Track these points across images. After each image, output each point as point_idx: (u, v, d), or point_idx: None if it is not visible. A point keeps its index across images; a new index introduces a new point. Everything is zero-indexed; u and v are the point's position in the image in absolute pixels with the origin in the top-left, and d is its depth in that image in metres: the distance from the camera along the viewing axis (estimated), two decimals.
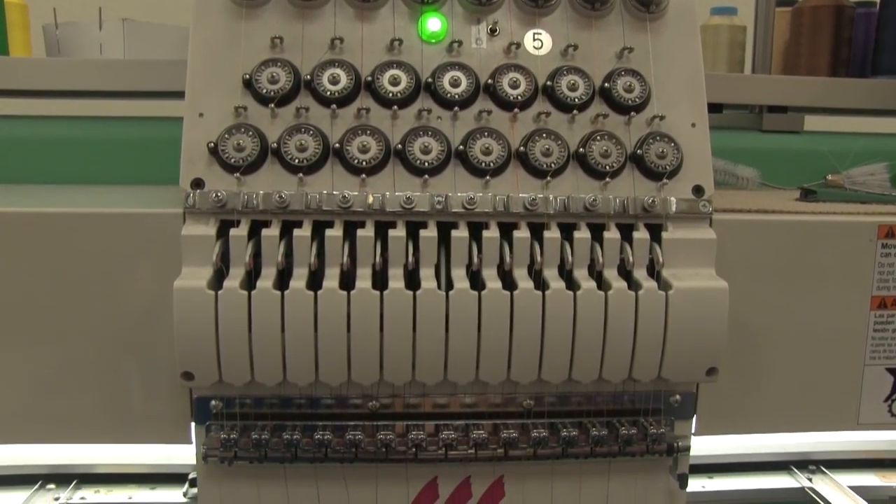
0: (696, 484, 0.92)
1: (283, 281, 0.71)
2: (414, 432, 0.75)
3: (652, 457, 0.79)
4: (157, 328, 0.78)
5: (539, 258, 0.73)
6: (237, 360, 0.71)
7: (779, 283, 0.84)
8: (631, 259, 0.75)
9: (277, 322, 0.70)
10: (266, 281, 0.71)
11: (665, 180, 0.77)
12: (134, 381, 0.81)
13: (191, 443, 0.79)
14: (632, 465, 0.81)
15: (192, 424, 0.78)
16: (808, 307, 0.85)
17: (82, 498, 1.28)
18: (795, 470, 1.39)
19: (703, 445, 0.80)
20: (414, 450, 0.75)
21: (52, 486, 1.30)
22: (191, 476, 1.29)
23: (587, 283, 0.72)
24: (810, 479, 1.37)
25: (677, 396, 0.79)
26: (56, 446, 1.35)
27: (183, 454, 1.34)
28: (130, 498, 1.29)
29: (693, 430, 0.82)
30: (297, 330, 0.70)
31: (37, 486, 1.29)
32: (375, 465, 0.78)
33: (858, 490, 1.31)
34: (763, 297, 0.84)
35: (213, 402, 0.76)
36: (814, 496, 1.31)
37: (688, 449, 0.79)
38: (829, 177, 1.03)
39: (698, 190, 0.78)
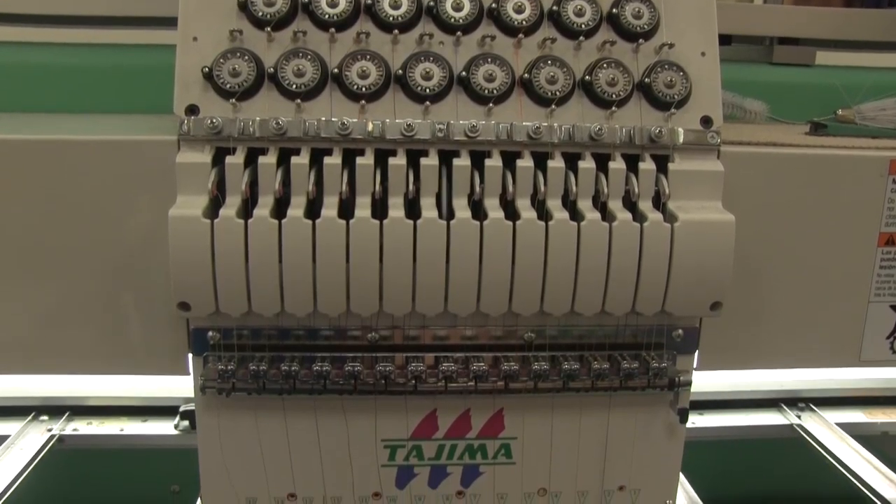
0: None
1: (280, 210, 0.70)
2: (413, 364, 0.74)
3: (653, 391, 0.78)
4: (154, 258, 0.76)
5: (542, 188, 0.72)
6: (234, 290, 0.69)
7: (785, 217, 0.83)
8: (636, 190, 0.73)
9: (275, 251, 0.68)
10: (263, 209, 0.69)
11: (673, 110, 0.75)
12: (131, 313, 0.80)
13: (188, 374, 0.78)
14: (632, 400, 0.80)
15: (190, 356, 0.77)
16: (815, 243, 0.84)
17: (75, 429, 1.28)
18: (785, 407, 1.41)
19: (695, 381, 0.79)
20: (413, 382, 0.75)
21: (44, 417, 1.31)
22: (182, 409, 1.29)
23: (591, 215, 0.71)
24: (799, 416, 1.39)
25: (680, 331, 0.78)
26: (48, 379, 1.35)
27: (174, 387, 1.34)
28: (122, 430, 1.30)
29: (695, 365, 0.81)
30: (294, 259, 0.68)
31: (30, 418, 1.30)
32: (374, 397, 0.77)
33: (845, 426, 1.33)
34: (769, 232, 0.83)
35: (210, 334, 0.75)
36: (801, 432, 1.33)
37: (689, 384, 0.79)
38: (840, 111, 1.01)
39: (706, 121, 0.76)
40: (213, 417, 0.78)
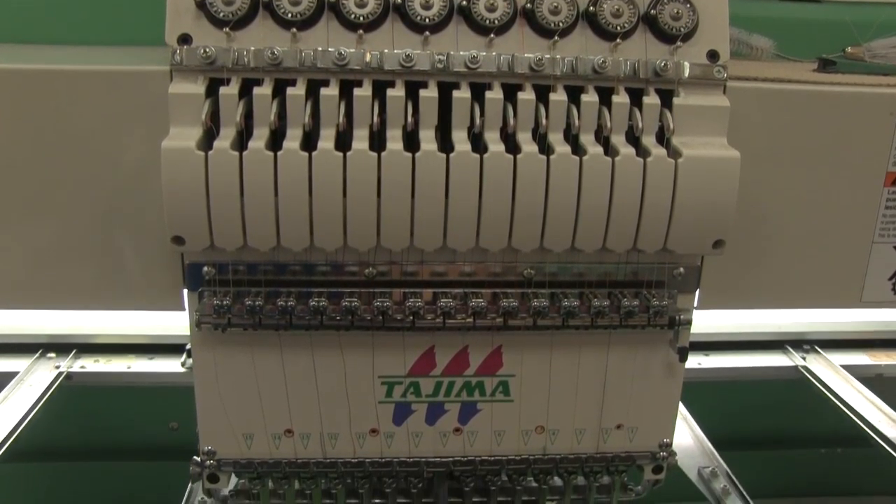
0: (692, 361, 0.92)
1: (275, 142, 0.68)
2: (411, 300, 0.74)
3: (653, 329, 0.78)
4: (147, 192, 0.75)
5: (544, 121, 0.70)
6: (229, 224, 0.68)
7: (791, 155, 0.81)
8: (640, 125, 0.71)
9: (270, 184, 0.67)
10: (258, 142, 0.67)
11: (679, 43, 0.73)
12: (126, 248, 0.79)
13: (184, 310, 0.78)
14: (632, 338, 0.80)
15: (185, 291, 0.76)
16: (820, 181, 0.82)
17: (82, 367, 1.30)
18: (790, 349, 1.41)
19: (701, 323, 0.79)
20: (411, 318, 0.74)
21: (52, 354, 1.32)
22: (188, 346, 1.30)
23: (594, 149, 0.69)
24: (804, 358, 1.39)
25: (681, 269, 0.77)
26: (55, 316, 1.36)
27: (180, 325, 1.34)
28: (129, 367, 1.31)
29: (695, 304, 0.80)
30: (290, 192, 0.67)
31: (37, 355, 1.31)
32: (372, 333, 0.77)
33: (849, 368, 1.33)
34: (774, 170, 0.81)
35: (205, 269, 0.74)
36: (806, 374, 1.33)
37: (689, 322, 0.78)
38: (849, 49, 0.98)
39: (713, 55, 0.74)
40: (209, 353, 0.78)
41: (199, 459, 0.82)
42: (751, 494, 1.02)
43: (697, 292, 0.80)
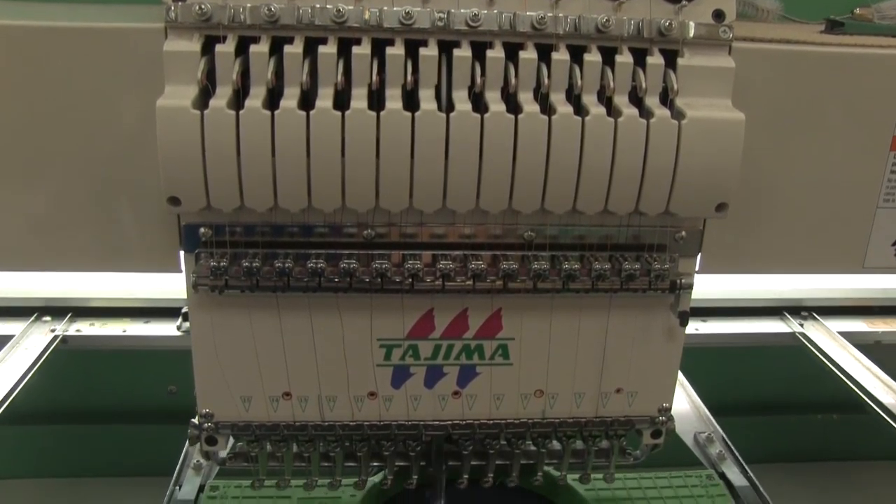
0: (689, 326, 0.91)
1: (273, 101, 0.67)
2: (410, 262, 0.73)
3: (654, 293, 0.77)
4: (144, 152, 0.74)
5: (546, 81, 0.69)
6: (225, 184, 0.67)
7: (796, 117, 0.80)
8: (644, 85, 0.70)
9: (267, 144, 0.66)
10: (255, 101, 0.66)
11: (684, 2, 0.71)
12: (122, 209, 0.78)
13: (180, 272, 0.77)
14: (633, 302, 0.79)
15: (181, 253, 0.75)
16: (825, 144, 0.81)
17: (77, 330, 1.29)
18: (788, 315, 1.41)
19: (699, 289, 0.78)
20: (410, 280, 0.73)
21: (47, 318, 1.31)
22: (184, 310, 1.30)
23: (596, 109, 0.68)
24: (802, 325, 1.39)
25: (683, 233, 0.76)
26: (50, 280, 1.36)
27: (176, 289, 1.34)
28: (124, 331, 1.30)
29: (697, 268, 0.79)
30: (287, 152, 0.66)
31: (33, 318, 1.30)
32: (370, 296, 0.76)
33: (847, 335, 1.33)
34: (778, 132, 0.80)
35: (201, 230, 0.73)
36: (803, 340, 1.33)
37: (690, 286, 0.77)
38: (857, 10, 0.96)
39: (718, 15, 0.72)
40: (205, 316, 0.77)
41: (196, 422, 0.81)
42: (746, 460, 1.02)
43: (699, 256, 0.79)
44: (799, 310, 1.42)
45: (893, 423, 1.08)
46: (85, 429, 1.53)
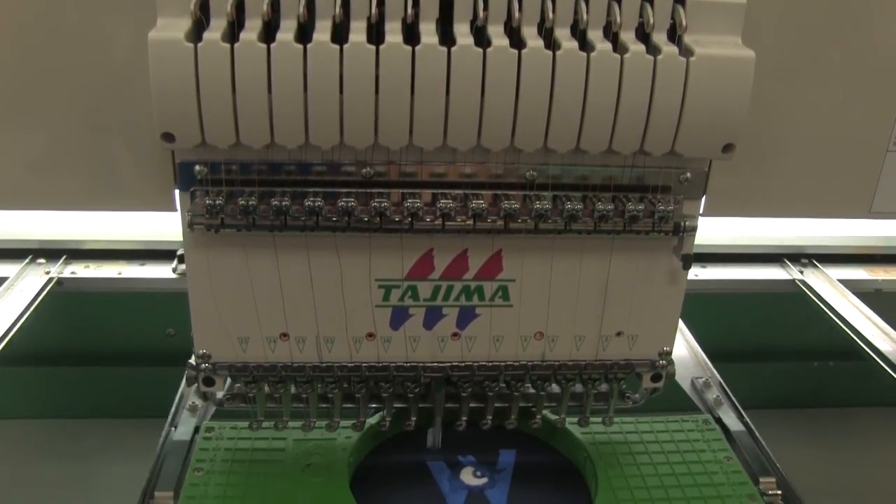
0: (689, 272, 0.91)
1: (269, 34, 0.65)
2: (410, 200, 0.71)
3: (657, 235, 0.76)
4: (136, 87, 0.73)
5: (550, 16, 0.67)
6: (220, 119, 0.65)
7: (807, 57, 0.78)
8: (651, 21, 0.68)
9: (263, 78, 0.64)
10: (250, 33, 0.64)
11: None
12: (116, 147, 0.77)
13: (176, 210, 0.76)
14: (635, 244, 0.78)
15: (177, 192, 0.74)
16: (836, 85, 0.80)
17: (72, 272, 1.28)
18: (788, 262, 1.40)
19: (699, 234, 0.77)
20: (410, 219, 0.72)
21: (42, 260, 1.30)
22: (179, 252, 1.28)
23: (602, 45, 0.66)
24: (801, 272, 1.38)
25: (688, 174, 0.75)
26: (45, 221, 1.34)
27: (171, 231, 1.33)
28: (120, 273, 1.29)
29: (701, 211, 0.78)
30: (284, 86, 0.64)
31: (27, 261, 1.29)
32: (369, 235, 0.74)
33: (847, 283, 1.32)
34: (788, 73, 0.78)
35: (197, 167, 0.71)
36: (803, 287, 1.33)
37: (695, 229, 0.76)
38: None
39: None
40: (201, 255, 0.76)
41: (194, 363, 0.81)
42: (743, 406, 1.02)
43: (703, 199, 0.78)
44: (799, 257, 1.41)
45: (890, 370, 1.08)
46: (82, 371, 1.53)
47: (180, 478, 0.85)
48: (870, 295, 1.30)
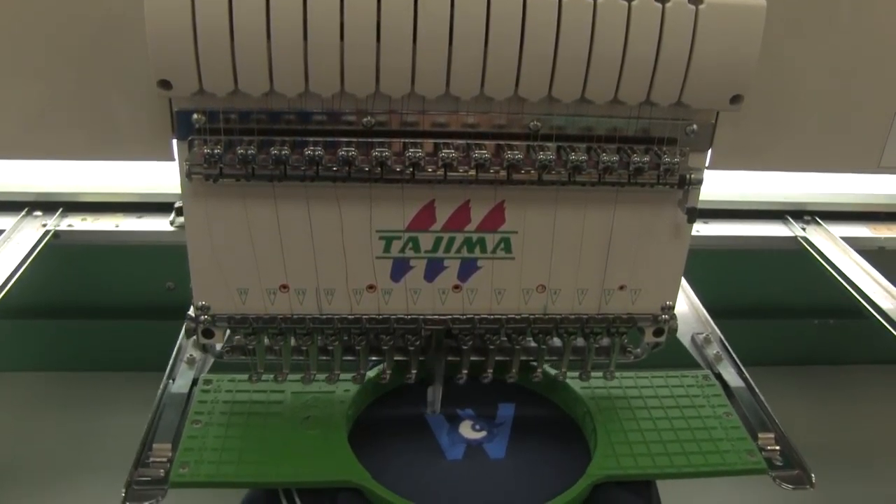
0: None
1: None
2: (411, 150, 0.70)
3: (662, 188, 0.75)
4: (132, 33, 0.71)
5: None
6: (218, 65, 0.64)
7: (818, 9, 0.76)
8: None
9: (262, 22, 0.62)
10: None
11: None
12: (112, 96, 0.75)
13: (174, 159, 0.74)
14: (640, 197, 0.77)
15: (174, 141, 0.73)
16: (846, 38, 0.78)
17: (70, 225, 1.27)
18: (790, 219, 1.39)
19: (702, 190, 0.76)
20: (411, 169, 0.70)
21: (38, 213, 1.29)
22: (177, 204, 1.27)
23: None
24: (804, 229, 1.37)
25: (694, 126, 0.74)
26: (41, 174, 1.33)
27: (169, 183, 1.32)
28: (117, 226, 1.28)
29: (707, 164, 0.77)
30: (283, 31, 0.63)
31: (23, 213, 1.28)
32: (370, 185, 0.73)
33: (850, 241, 1.32)
34: (799, 23, 0.77)
35: (195, 116, 0.70)
36: (805, 245, 1.32)
37: (700, 182, 0.75)
38: None
39: None
40: (200, 205, 0.74)
41: (193, 315, 0.80)
42: (743, 362, 1.02)
43: (709, 152, 0.77)
44: (802, 214, 1.40)
45: (891, 328, 1.08)
46: (80, 324, 1.52)
47: (178, 430, 0.85)
48: (873, 253, 1.29)
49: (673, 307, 0.84)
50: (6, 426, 1.42)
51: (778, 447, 0.87)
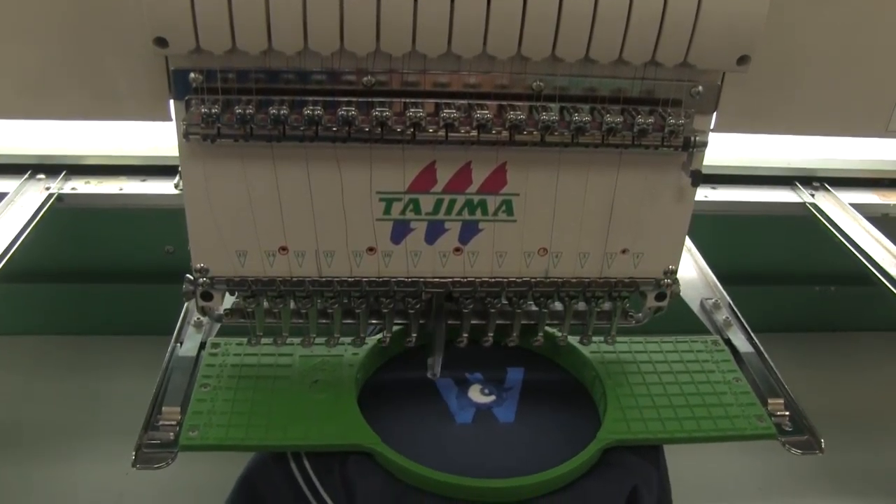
0: (699, 193, 0.89)
1: None
2: (412, 110, 0.69)
3: (666, 151, 0.73)
4: None
5: None
6: (215, 22, 0.63)
7: None
8: None
9: None
10: None
11: None
12: (108, 55, 0.74)
13: (171, 120, 0.73)
14: (643, 159, 0.76)
15: (172, 101, 0.72)
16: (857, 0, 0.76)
17: (73, 188, 1.27)
18: (799, 185, 1.38)
19: (710, 155, 0.75)
20: (412, 129, 0.69)
21: (41, 176, 1.29)
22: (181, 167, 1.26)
23: None
24: (813, 195, 1.36)
25: (699, 87, 0.72)
26: (44, 138, 1.32)
27: (172, 147, 1.31)
28: (121, 189, 1.28)
29: (712, 126, 0.76)
30: None
31: (27, 176, 1.27)
32: (370, 146, 0.72)
33: (858, 207, 1.30)
34: None
35: (192, 75, 0.69)
36: (813, 211, 1.31)
37: (705, 145, 0.74)
38: None
39: None
40: (198, 166, 0.74)
41: (191, 277, 0.80)
42: (752, 328, 1.01)
43: (715, 114, 0.75)
44: (811, 180, 1.39)
45: None
46: (85, 287, 1.53)
47: (187, 393, 0.85)
48: (881, 220, 1.28)
49: (675, 272, 0.83)
50: (11, 389, 1.43)
51: (787, 413, 0.86)
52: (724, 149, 1.38)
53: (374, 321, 0.87)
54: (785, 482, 1.34)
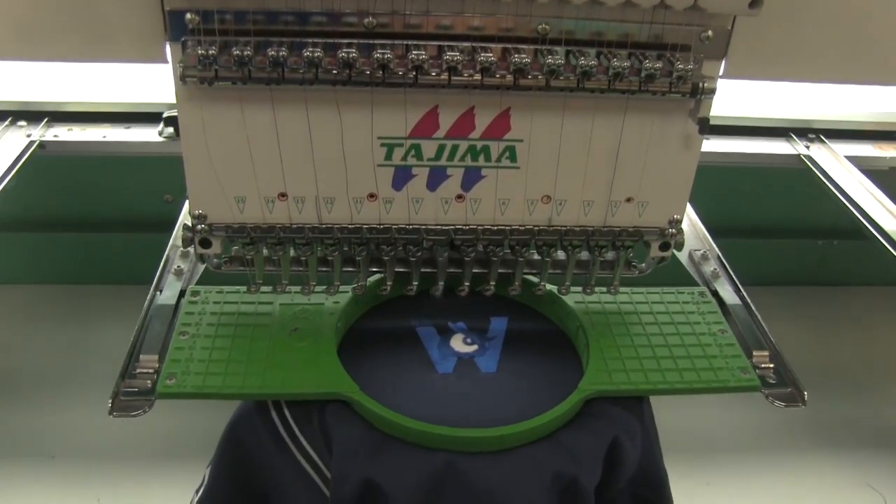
0: None
1: None
2: (414, 52, 0.67)
3: (674, 97, 0.72)
4: None
5: None
6: None
7: None
8: None
9: None
10: None
11: None
12: None
13: (167, 62, 0.71)
14: (650, 105, 0.74)
15: (167, 44, 0.69)
16: None
17: (55, 136, 1.24)
18: (794, 137, 1.37)
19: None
20: (414, 72, 0.68)
21: (22, 122, 1.26)
22: (165, 115, 1.24)
23: None
24: (808, 147, 1.35)
25: (709, 32, 0.71)
26: (24, 84, 1.29)
27: (156, 94, 1.28)
28: (105, 137, 1.25)
29: (721, 73, 0.74)
30: None
31: (7, 123, 1.25)
32: (371, 90, 0.70)
33: (854, 159, 1.30)
34: None
35: (188, 16, 0.66)
36: (808, 163, 1.30)
37: (713, 91, 0.73)
38: None
39: None
40: (195, 109, 0.72)
41: (189, 224, 0.78)
42: (741, 281, 1.00)
43: (725, 60, 0.74)
44: (807, 132, 1.38)
45: (892, 249, 1.06)
46: (70, 237, 1.51)
47: (165, 341, 0.83)
48: (878, 172, 1.27)
49: (681, 221, 0.82)
50: None
51: (772, 365, 0.86)
52: (719, 98, 1.37)
53: (374, 269, 0.85)
54: (777, 434, 1.35)
